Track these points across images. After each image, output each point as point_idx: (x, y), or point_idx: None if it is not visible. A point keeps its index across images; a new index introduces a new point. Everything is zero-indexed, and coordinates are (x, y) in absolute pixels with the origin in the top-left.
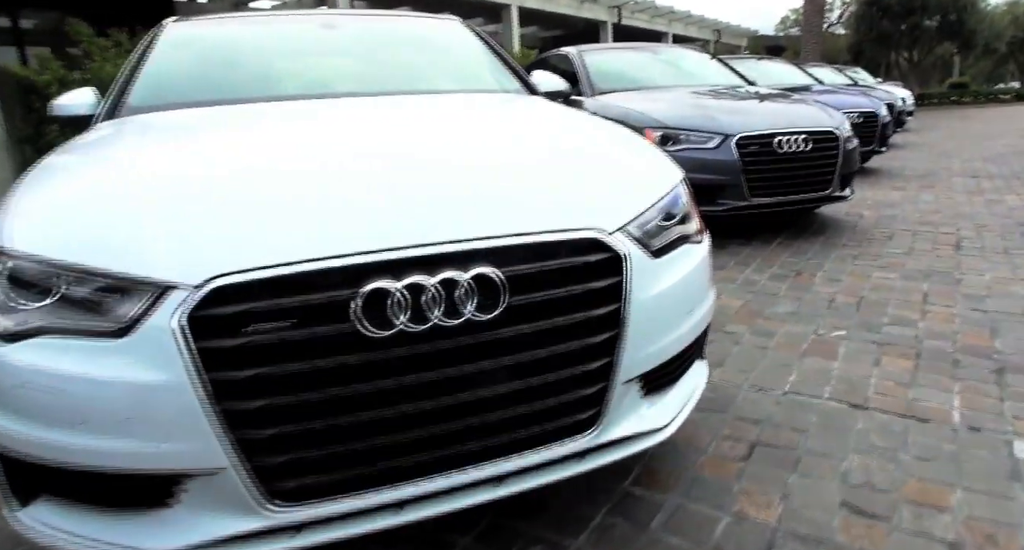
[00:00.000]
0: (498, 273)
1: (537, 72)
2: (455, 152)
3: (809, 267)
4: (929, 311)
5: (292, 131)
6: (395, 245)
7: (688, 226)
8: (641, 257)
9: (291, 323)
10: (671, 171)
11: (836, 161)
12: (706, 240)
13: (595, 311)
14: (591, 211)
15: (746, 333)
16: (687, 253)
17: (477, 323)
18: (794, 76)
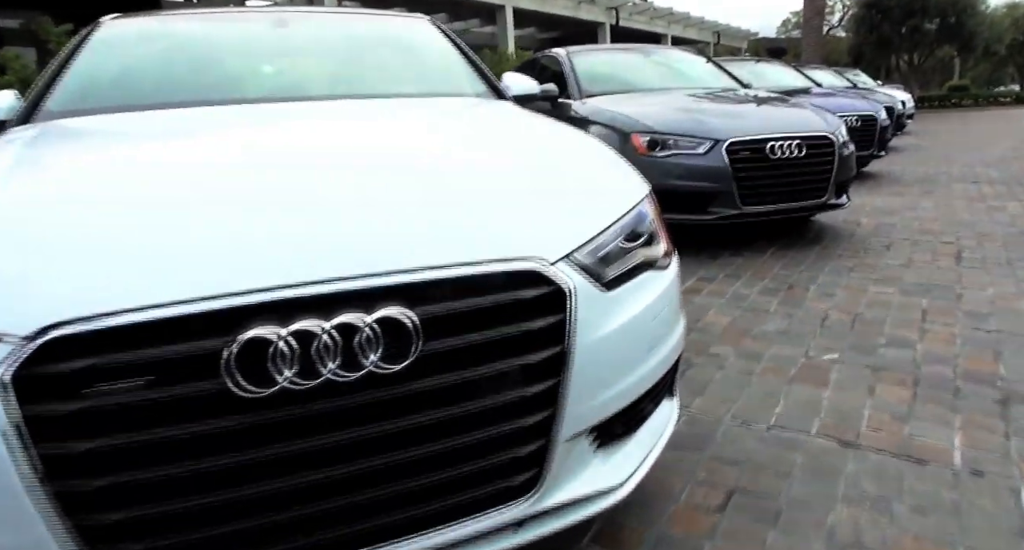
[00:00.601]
0: (410, 315)
1: (509, 74)
2: (381, 168)
3: (802, 280)
4: (928, 330)
5: (203, 143)
6: (279, 283)
7: (654, 249)
8: (590, 290)
9: (146, 381)
10: (635, 185)
11: (831, 167)
12: (674, 263)
13: (531, 356)
14: (531, 237)
15: (731, 355)
16: (650, 282)
17: (382, 376)
18: (792, 79)
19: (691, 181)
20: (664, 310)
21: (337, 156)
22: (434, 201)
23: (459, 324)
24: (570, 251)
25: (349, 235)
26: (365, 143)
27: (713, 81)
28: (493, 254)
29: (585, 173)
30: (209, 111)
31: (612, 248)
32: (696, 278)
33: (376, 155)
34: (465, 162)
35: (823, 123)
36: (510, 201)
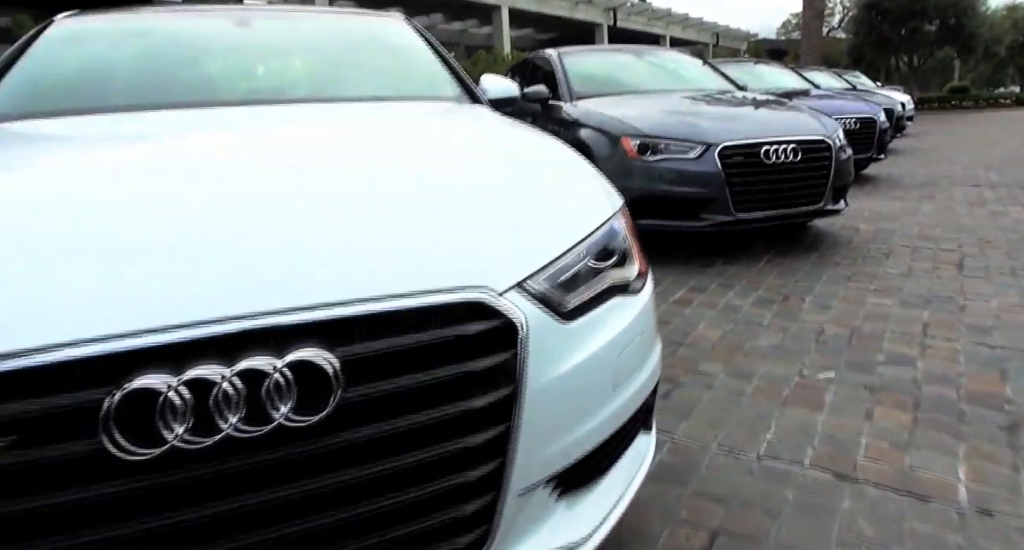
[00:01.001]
0: (329, 357)
1: (487, 76)
2: (315, 185)
3: (798, 290)
4: (930, 346)
5: (116, 155)
6: (171, 323)
7: (625, 270)
8: (547, 322)
9: (10, 441)
10: (605, 200)
11: (828, 172)
12: (648, 285)
13: (476, 401)
14: (478, 263)
15: (721, 374)
16: (619, 308)
17: (296, 429)
18: (790, 80)
19: (683, 186)
20: (635, 340)
21: (268, 170)
22: (369, 223)
23: (389, 366)
24: (523, 278)
25: (260, 265)
26: (304, 155)
27: (708, 83)
28: (431, 283)
29: (550, 187)
30: (145, 117)
31: (576, 272)
32: (687, 288)
33: (313, 169)
34: (413, 177)
35: (819, 126)
36: (458, 222)
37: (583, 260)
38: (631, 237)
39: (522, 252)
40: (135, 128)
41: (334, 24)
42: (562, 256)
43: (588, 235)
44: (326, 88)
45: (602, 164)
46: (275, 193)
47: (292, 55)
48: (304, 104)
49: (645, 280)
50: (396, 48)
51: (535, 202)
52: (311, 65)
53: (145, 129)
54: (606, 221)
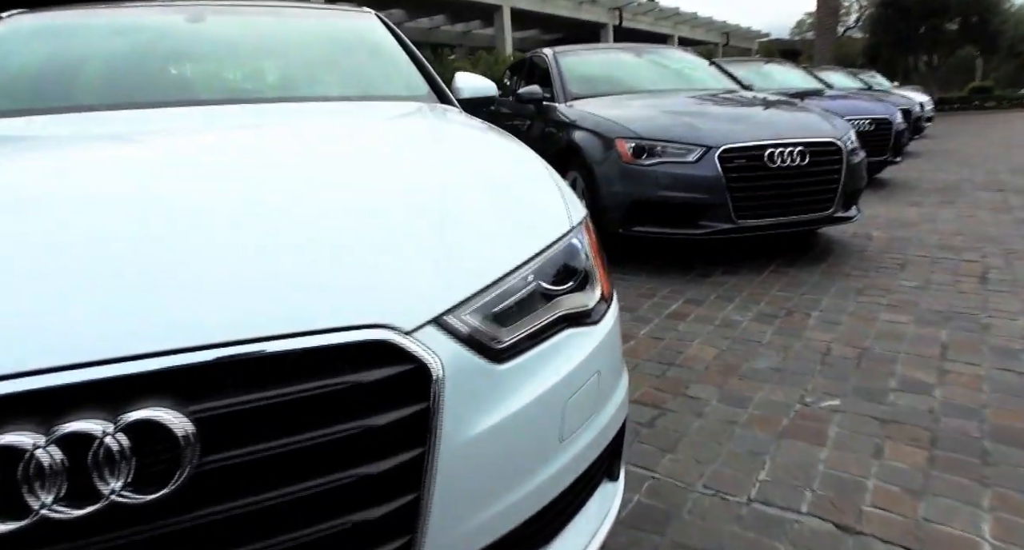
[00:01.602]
0: (178, 417)
1: (461, 75)
2: (220, 204)
3: (803, 304)
4: (949, 371)
5: (19, 165)
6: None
7: (584, 296)
8: (473, 364)
9: None
10: (562, 213)
11: (839, 177)
12: (612, 312)
13: (374, 466)
14: (383, 295)
15: (714, 399)
16: (573, 342)
17: (134, 508)
18: (802, 80)
19: (680, 192)
20: (591, 380)
21: (167, 186)
22: (259, 248)
23: (260, 425)
24: (442, 311)
25: (99, 303)
26: (219, 168)
27: (711, 82)
28: (320, 321)
29: (498, 199)
30: (74, 119)
31: (519, 300)
32: (683, 300)
33: (222, 185)
34: (334, 193)
35: (829, 128)
36: (369, 245)
37: (529, 285)
38: (594, 256)
39: (445, 279)
40: (58, 130)
41: (300, 20)
42: (499, 282)
43: (536, 255)
44: (284, 87)
45: (596, 168)
46: (162, 215)
47: (252, 52)
48: (255, 105)
49: (608, 306)
50: (364, 45)
51: (474, 218)
52: (271, 63)
53: (71, 131)
54: (561, 237)
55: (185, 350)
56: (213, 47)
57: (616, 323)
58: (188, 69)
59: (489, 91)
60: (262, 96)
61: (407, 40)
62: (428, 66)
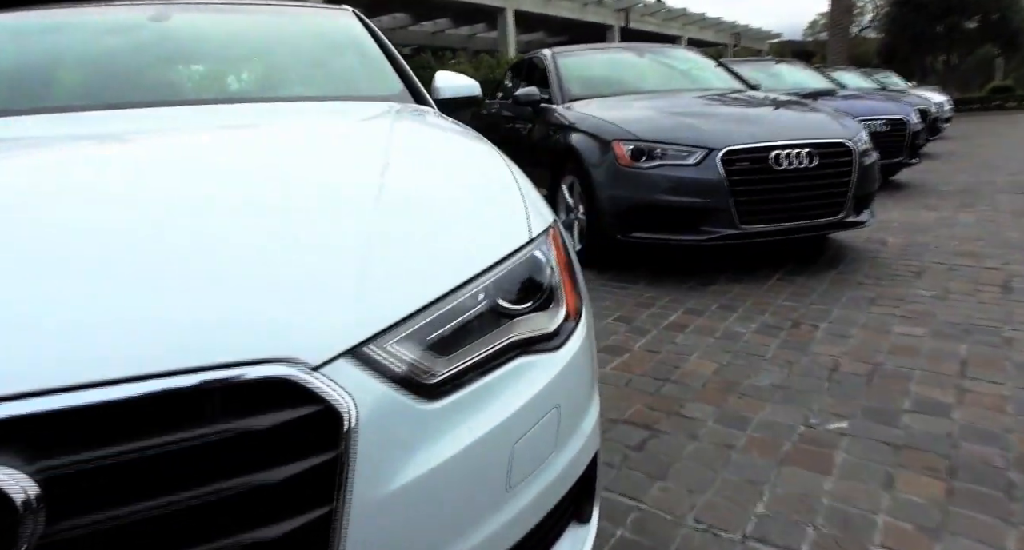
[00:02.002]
0: (20, 478)
1: (442, 73)
2: (130, 223)
3: (811, 315)
4: (969, 391)
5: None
6: None
7: (546, 316)
8: (397, 404)
9: None
10: (522, 223)
11: (849, 179)
12: (579, 333)
13: (266, 531)
14: (291, 323)
15: (710, 419)
16: (528, 372)
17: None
18: (813, 80)
19: (680, 196)
20: (548, 416)
21: (79, 197)
22: (154, 273)
23: (123, 484)
24: (360, 341)
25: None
26: (144, 178)
27: (717, 82)
28: (206, 356)
29: (448, 208)
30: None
31: (462, 324)
32: (683, 310)
33: (140, 199)
34: (260, 208)
35: (839, 128)
36: (283, 265)
37: (478, 305)
38: (562, 270)
39: (369, 302)
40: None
41: (271, 18)
42: (437, 303)
43: (485, 271)
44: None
45: (593, 172)
46: (63, 232)
47: (218, 52)
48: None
49: (575, 327)
50: (338, 44)
51: (415, 230)
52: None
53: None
54: (519, 250)
55: (27, 395)
56: (177, 47)
57: (585, 346)
58: (149, 70)
59: (471, 91)
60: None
61: (385, 39)
62: (405, 65)
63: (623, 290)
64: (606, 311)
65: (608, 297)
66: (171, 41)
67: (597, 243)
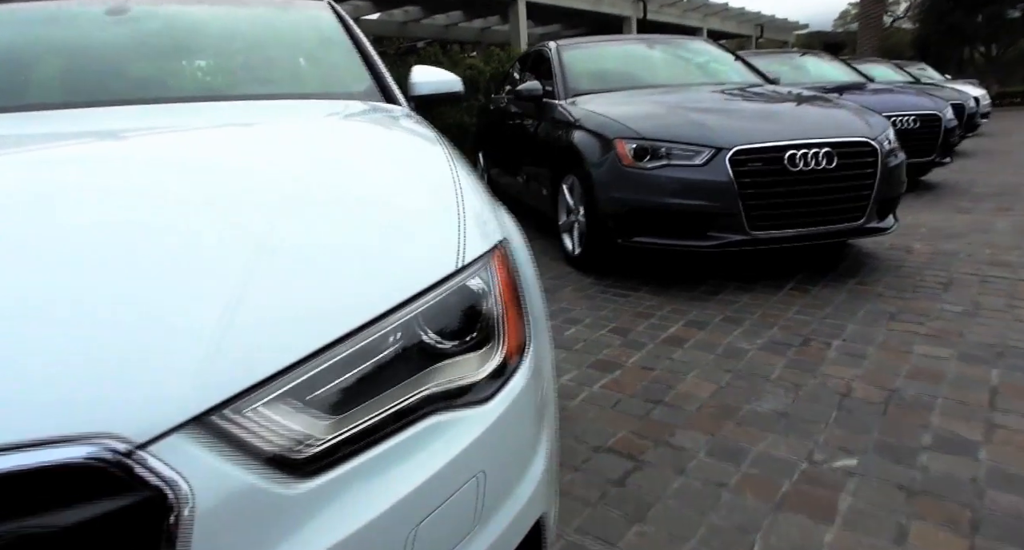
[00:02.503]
0: None
1: (418, 68)
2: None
3: (823, 331)
4: (999, 426)
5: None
6: None
7: (474, 361)
8: (250, 487)
9: None
10: (450, 248)
11: (873, 182)
12: (519, 379)
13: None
14: (118, 390)
15: (702, 451)
16: (440, 435)
17: None
18: (840, 74)
19: (686, 199)
20: (466, 487)
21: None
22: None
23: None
24: (206, 409)
25: None
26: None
27: (732, 76)
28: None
29: (361, 232)
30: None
31: (358, 376)
32: (684, 322)
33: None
34: (134, 227)
35: (862, 125)
36: (124, 313)
37: (384, 351)
38: (506, 299)
39: (229, 359)
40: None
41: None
42: (324, 352)
43: (395, 308)
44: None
45: (594, 172)
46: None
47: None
48: (147, 106)
49: (516, 368)
50: (306, 37)
51: (311, 262)
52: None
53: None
54: (446, 279)
55: None
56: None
57: (528, 391)
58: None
59: (451, 87)
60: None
61: (359, 33)
62: (376, 61)
63: (623, 298)
64: (602, 321)
65: (606, 306)
66: (125, 37)
67: (597, 247)
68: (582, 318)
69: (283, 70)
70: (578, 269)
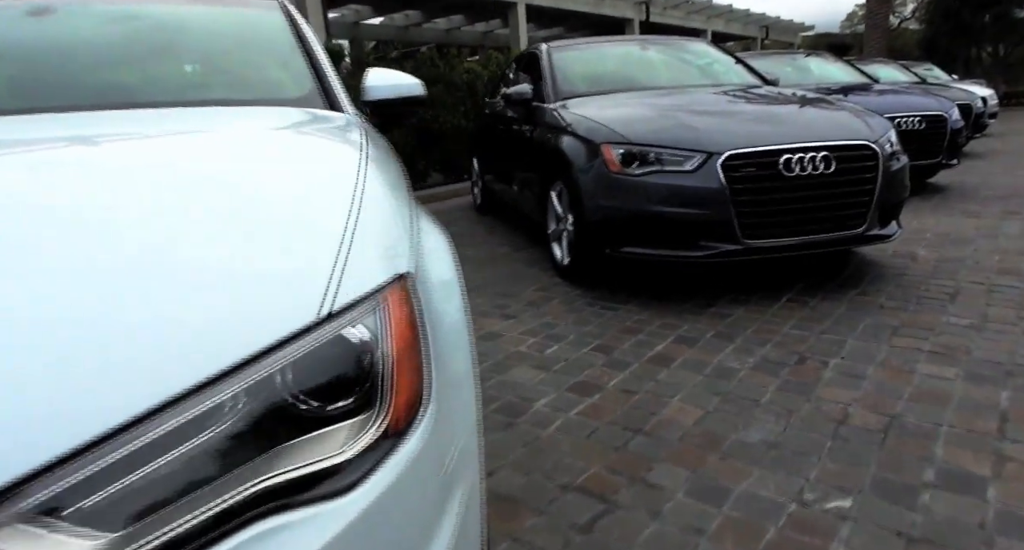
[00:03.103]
0: None
1: (373, 71)
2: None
3: (820, 348)
4: (1010, 458)
5: None
6: None
7: (340, 435)
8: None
9: None
10: (314, 291)
11: (873, 187)
12: (401, 456)
13: None
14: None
15: (680, 491)
16: (278, 543)
17: None
18: (844, 74)
19: (675, 207)
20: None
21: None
22: None
23: None
24: None
25: None
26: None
27: (728, 77)
28: None
29: (203, 273)
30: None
31: (161, 470)
32: (673, 338)
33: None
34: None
35: (862, 128)
36: None
37: (203, 433)
38: (400, 348)
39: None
40: None
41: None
42: (108, 441)
43: (224, 373)
44: (124, 90)
45: (580, 178)
46: None
47: (99, 48)
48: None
49: (401, 439)
50: (249, 39)
51: (109, 319)
52: (120, 60)
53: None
54: (300, 334)
55: None
56: (55, 47)
57: (417, 470)
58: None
59: (411, 91)
60: (82, 103)
61: (311, 36)
62: (324, 65)
63: (611, 312)
64: (586, 338)
65: (592, 320)
66: (43, 39)
67: (586, 257)
68: (566, 335)
69: (217, 75)
70: (567, 280)
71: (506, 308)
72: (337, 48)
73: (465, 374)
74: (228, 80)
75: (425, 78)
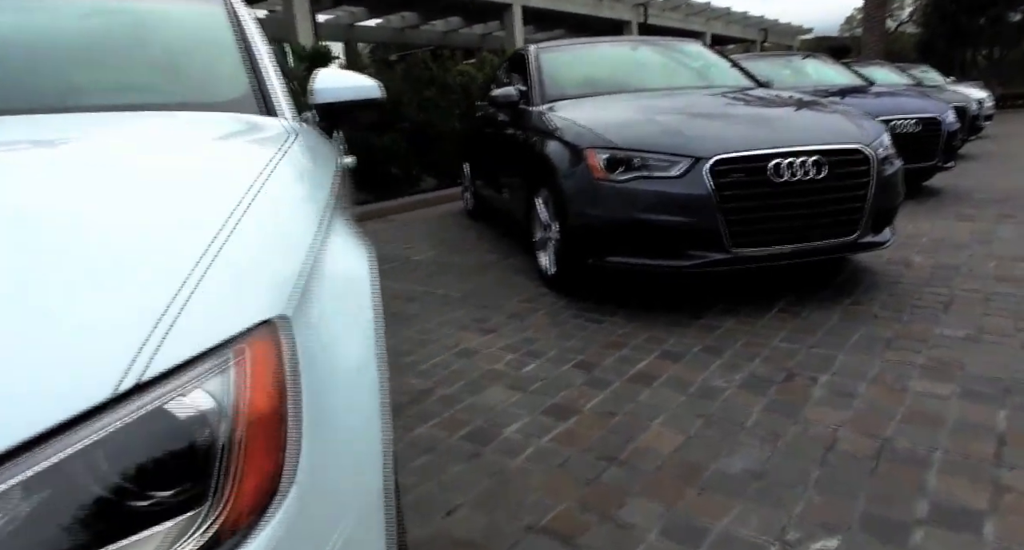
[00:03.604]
0: None
1: (322, 72)
2: None
3: (810, 363)
4: (1008, 488)
5: None
6: None
7: (149, 544)
8: None
9: None
10: (122, 356)
11: (866, 192)
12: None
13: None
14: None
15: (654, 530)
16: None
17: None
18: (841, 76)
19: (661, 214)
20: None
21: None
22: None
23: None
24: None
25: None
26: None
27: (720, 78)
28: None
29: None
30: None
31: None
32: (658, 353)
33: None
34: None
35: (854, 131)
36: None
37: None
38: (254, 421)
39: None
40: None
41: (111, 4)
42: None
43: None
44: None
45: (564, 184)
46: None
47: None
48: None
49: (249, 535)
50: (182, 37)
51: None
52: (40, 58)
53: None
54: (95, 410)
55: None
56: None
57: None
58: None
59: (365, 93)
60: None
61: (255, 35)
62: (264, 66)
63: (595, 325)
64: (567, 354)
65: (575, 334)
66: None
67: (571, 267)
68: (546, 350)
69: (139, 76)
70: (554, 290)
71: (487, 321)
72: (324, 50)
73: (365, 433)
74: (150, 82)
75: (418, 81)
